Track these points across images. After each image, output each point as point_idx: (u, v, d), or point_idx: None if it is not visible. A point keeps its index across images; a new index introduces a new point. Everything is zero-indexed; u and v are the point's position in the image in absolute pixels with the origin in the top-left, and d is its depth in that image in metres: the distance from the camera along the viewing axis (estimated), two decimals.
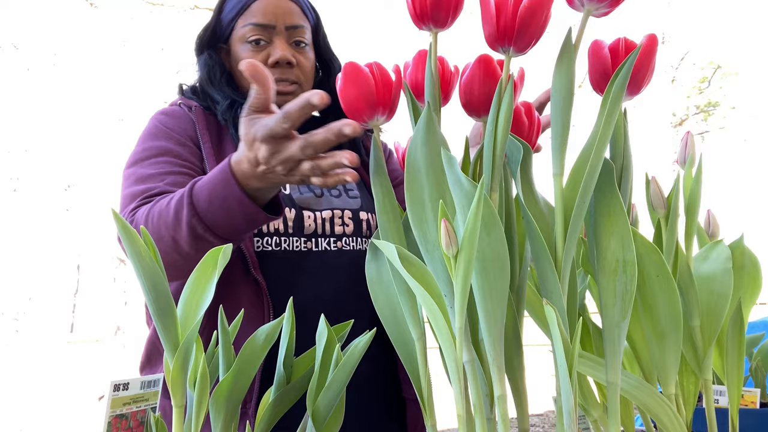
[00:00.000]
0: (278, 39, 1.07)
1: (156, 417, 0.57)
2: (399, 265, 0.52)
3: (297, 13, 1.10)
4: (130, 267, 0.53)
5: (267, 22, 1.06)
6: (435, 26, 0.58)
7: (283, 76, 1.06)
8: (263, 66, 0.70)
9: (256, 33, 1.07)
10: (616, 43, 0.57)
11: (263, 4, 1.08)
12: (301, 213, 1.04)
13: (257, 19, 1.07)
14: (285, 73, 1.07)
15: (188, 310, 0.56)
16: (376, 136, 0.61)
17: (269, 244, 1.01)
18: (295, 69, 1.08)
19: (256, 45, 1.07)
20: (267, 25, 1.07)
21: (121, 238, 0.51)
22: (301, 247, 1.03)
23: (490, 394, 0.54)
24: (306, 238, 1.04)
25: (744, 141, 10.39)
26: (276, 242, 1.02)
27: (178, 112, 1.09)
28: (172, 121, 1.07)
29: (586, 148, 0.54)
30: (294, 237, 1.03)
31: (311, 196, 1.08)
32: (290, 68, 1.07)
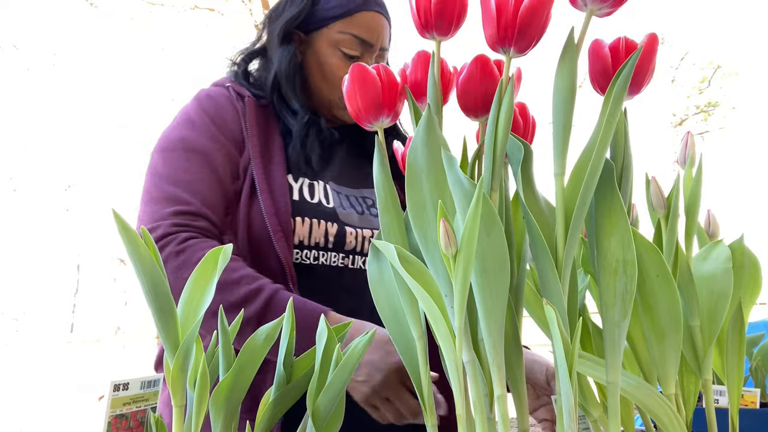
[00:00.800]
0: (369, 57, 1.04)
1: (156, 417, 0.57)
2: (398, 266, 0.52)
3: (388, 36, 1.07)
4: (130, 267, 0.53)
5: (369, 39, 1.03)
6: (438, 35, 0.58)
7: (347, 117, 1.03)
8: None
9: (356, 48, 1.02)
10: (616, 43, 0.57)
11: (369, 18, 1.03)
12: (343, 229, 1.02)
13: (362, 34, 1.02)
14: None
15: (188, 310, 0.56)
16: (380, 138, 0.61)
17: (308, 257, 1.00)
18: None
19: (350, 59, 1.02)
20: (368, 42, 1.03)
21: (122, 238, 0.51)
22: (338, 263, 1.02)
23: (490, 394, 0.54)
24: (344, 255, 1.03)
25: (744, 141, 10.39)
26: (315, 256, 1.01)
27: (224, 100, 1.03)
28: (216, 112, 1.01)
29: (587, 148, 0.54)
30: (333, 252, 1.02)
31: (353, 212, 1.06)
32: None
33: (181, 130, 1.00)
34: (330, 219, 1.02)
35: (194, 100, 1.03)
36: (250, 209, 0.97)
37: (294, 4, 1.06)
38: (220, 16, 8.20)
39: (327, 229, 1.01)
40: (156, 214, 0.92)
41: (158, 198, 0.93)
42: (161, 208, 0.92)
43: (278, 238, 0.94)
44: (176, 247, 0.88)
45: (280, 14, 1.07)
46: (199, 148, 0.97)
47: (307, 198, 1.02)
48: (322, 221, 1.00)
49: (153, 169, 0.98)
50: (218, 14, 8.21)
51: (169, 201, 0.92)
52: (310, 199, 1.02)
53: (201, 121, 0.99)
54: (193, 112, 1.01)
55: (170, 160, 0.97)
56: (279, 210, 0.97)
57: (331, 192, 1.06)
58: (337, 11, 1.03)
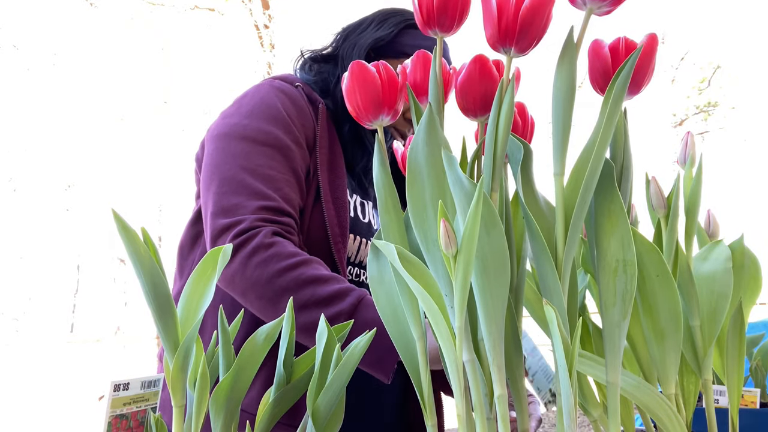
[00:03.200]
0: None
1: (156, 417, 0.57)
2: (399, 265, 0.52)
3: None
4: (130, 267, 0.53)
5: None
6: (441, 31, 0.58)
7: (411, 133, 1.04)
8: None
9: None
10: (616, 43, 0.57)
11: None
12: None
13: None
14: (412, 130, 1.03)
15: (188, 310, 0.56)
16: (379, 136, 0.61)
17: (351, 273, 1.01)
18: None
19: None
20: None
21: (122, 238, 0.51)
22: None
23: (490, 394, 0.54)
24: None
25: (744, 141, 10.39)
26: (357, 273, 1.03)
27: (300, 101, 1.01)
28: (294, 110, 0.99)
29: (586, 148, 0.54)
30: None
31: None
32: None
33: (260, 121, 0.97)
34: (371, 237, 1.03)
35: (272, 94, 1.00)
36: (311, 216, 0.96)
37: (382, 29, 1.07)
38: (220, 16, 8.21)
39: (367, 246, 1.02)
40: (240, 206, 0.90)
41: (241, 190, 0.91)
42: (245, 200, 0.90)
43: (338, 249, 0.95)
44: (265, 239, 0.86)
45: (363, 30, 1.08)
46: (282, 145, 0.95)
47: (360, 216, 1.04)
48: (371, 241, 1.01)
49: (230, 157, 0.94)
50: (218, 14, 8.21)
51: (255, 195, 0.90)
52: (362, 218, 1.04)
53: (282, 118, 0.97)
54: (274, 105, 0.98)
55: (253, 153, 0.94)
56: (341, 222, 0.97)
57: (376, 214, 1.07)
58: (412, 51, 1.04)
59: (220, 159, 0.94)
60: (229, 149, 0.95)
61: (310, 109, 1.01)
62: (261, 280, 0.85)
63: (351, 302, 0.82)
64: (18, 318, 13.62)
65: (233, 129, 0.96)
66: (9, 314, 13.45)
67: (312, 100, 1.03)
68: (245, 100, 1.00)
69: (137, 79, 8.96)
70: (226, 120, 0.99)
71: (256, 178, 0.91)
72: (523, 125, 0.64)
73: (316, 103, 1.02)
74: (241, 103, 1.01)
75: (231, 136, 0.95)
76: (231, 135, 0.95)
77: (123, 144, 9.26)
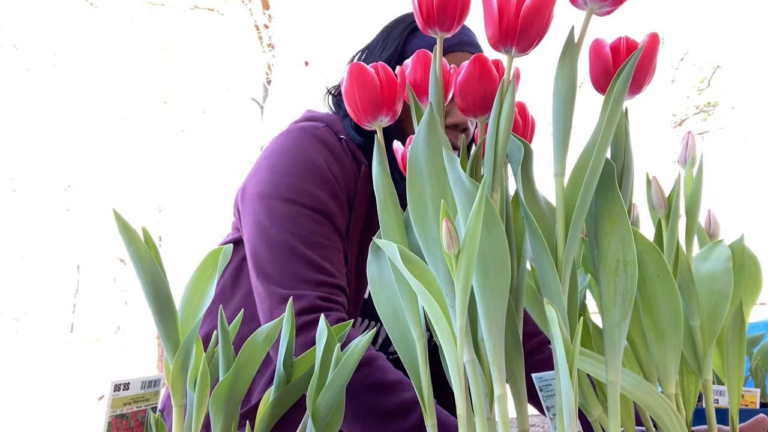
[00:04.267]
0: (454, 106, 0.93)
1: (156, 417, 0.57)
2: (401, 264, 0.52)
3: None
4: (130, 267, 0.53)
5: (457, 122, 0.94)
6: (441, 30, 0.58)
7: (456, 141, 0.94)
8: None
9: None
10: (617, 43, 0.57)
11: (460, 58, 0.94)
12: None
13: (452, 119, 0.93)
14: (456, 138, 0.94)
15: (188, 310, 0.56)
16: (379, 137, 0.61)
17: None
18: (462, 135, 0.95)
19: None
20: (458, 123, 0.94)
21: (122, 238, 0.51)
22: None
23: (490, 394, 0.54)
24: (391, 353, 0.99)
25: (744, 141, 10.39)
26: None
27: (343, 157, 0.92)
28: (338, 167, 0.91)
29: (587, 148, 0.54)
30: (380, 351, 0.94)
31: None
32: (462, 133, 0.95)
33: (306, 182, 0.88)
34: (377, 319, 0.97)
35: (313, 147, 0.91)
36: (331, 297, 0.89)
37: (387, 48, 1.00)
38: (220, 16, 8.21)
39: (379, 332, 0.97)
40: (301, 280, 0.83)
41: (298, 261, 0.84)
42: (305, 273, 0.83)
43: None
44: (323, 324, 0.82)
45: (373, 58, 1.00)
46: (329, 212, 0.88)
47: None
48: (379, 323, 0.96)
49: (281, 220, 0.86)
50: (218, 14, 8.21)
51: (314, 268, 0.84)
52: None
53: (327, 177, 0.89)
54: (317, 162, 0.90)
55: (305, 219, 0.86)
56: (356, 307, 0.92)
57: None
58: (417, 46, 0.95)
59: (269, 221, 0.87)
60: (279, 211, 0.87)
61: (353, 166, 0.93)
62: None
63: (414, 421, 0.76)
64: (18, 318, 13.62)
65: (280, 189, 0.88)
66: (9, 314, 13.45)
67: (356, 157, 0.94)
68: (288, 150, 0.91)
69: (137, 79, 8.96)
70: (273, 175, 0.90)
71: (311, 249, 0.84)
72: (523, 125, 0.64)
73: (360, 162, 0.94)
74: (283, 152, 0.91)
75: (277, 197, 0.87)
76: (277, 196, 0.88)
77: (123, 144, 9.26)
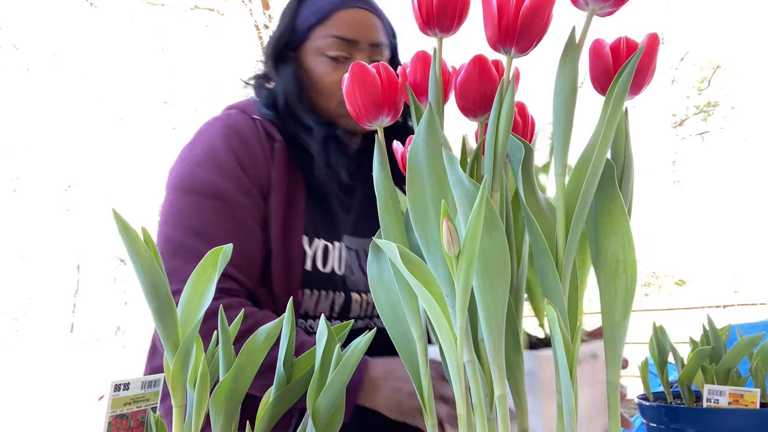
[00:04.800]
0: (360, 56, 0.97)
1: (156, 417, 0.57)
2: (401, 265, 0.52)
3: (380, 30, 1.00)
4: (130, 267, 0.53)
5: (351, 37, 0.96)
6: (440, 32, 0.58)
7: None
8: None
9: (339, 48, 0.96)
10: (617, 43, 0.57)
11: (348, 15, 0.97)
12: (350, 297, 0.98)
13: (341, 32, 0.96)
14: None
15: (188, 310, 0.56)
16: (379, 137, 0.61)
17: (312, 327, 0.96)
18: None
19: (336, 61, 0.96)
20: (351, 39, 0.96)
21: (122, 238, 0.51)
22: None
23: (490, 394, 0.54)
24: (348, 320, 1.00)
25: (744, 141, 10.39)
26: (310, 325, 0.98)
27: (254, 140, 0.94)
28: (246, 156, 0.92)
29: (588, 149, 0.54)
30: (337, 320, 0.98)
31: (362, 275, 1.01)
32: None
33: (209, 172, 0.91)
34: (338, 289, 0.97)
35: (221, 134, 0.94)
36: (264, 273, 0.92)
37: (280, 26, 1.02)
38: (220, 16, 8.21)
39: (334, 300, 0.97)
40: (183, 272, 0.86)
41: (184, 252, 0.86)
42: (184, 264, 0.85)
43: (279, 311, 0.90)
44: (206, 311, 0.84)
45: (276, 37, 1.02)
46: (231, 200, 0.89)
47: (319, 267, 0.96)
48: (330, 292, 0.96)
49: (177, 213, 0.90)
50: (218, 14, 8.21)
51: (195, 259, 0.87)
52: (322, 268, 0.97)
53: (231, 165, 0.91)
54: (222, 150, 0.92)
55: (199, 210, 0.89)
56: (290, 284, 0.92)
57: (344, 253, 1.00)
58: (313, 18, 0.99)
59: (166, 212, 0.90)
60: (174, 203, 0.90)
61: (267, 146, 0.95)
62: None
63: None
64: (18, 318, 13.63)
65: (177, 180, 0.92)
66: (9, 314, 13.45)
67: (270, 135, 0.96)
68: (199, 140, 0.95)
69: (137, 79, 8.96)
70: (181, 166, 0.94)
71: (200, 240, 0.87)
72: (523, 125, 0.64)
73: (274, 139, 0.96)
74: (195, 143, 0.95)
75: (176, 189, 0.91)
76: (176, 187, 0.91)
77: (123, 144, 9.27)
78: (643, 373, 0.93)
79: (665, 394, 0.91)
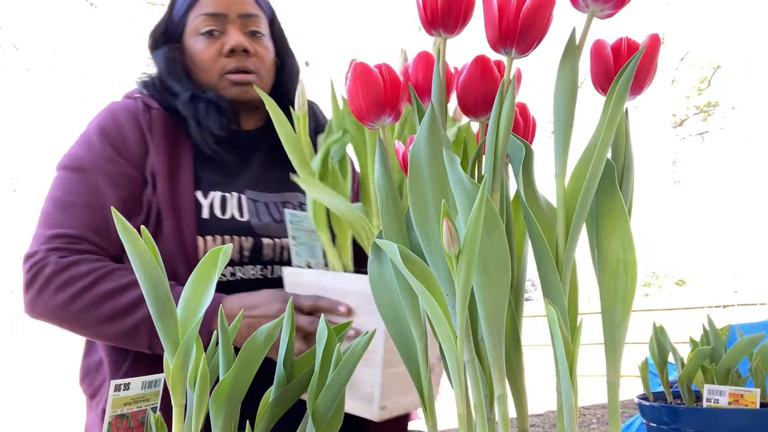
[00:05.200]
0: (232, 28, 1.03)
1: (156, 417, 0.57)
2: (401, 264, 0.52)
3: (249, 2, 1.05)
4: None
5: (218, 11, 1.02)
6: (445, 32, 0.58)
7: (240, 64, 1.02)
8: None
9: (209, 23, 1.02)
10: (618, 43, 0.57)
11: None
12: (259, 241, 1.01)
13: (208, 9, 1.02)
14: (242, 62, 1.03)
15: (188, 310, 0.56)
16: (381, 136, 0.61)
17: (224, 274, 0.98)
18: (252, 58, 1.03)
19: (210, 36, 1.02)
20: (219, 13, 1.02)
21: (122, 238, 0.51)
22: (257, 275, 1.01)
23: (490, 394, 0.54)
24: (262, 266, 1.02)
25: (744, 141, 10.40)
26: (231, 272, 1.00)
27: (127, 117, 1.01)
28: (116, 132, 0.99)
29: (588, 149, 0.54)
30: (250, 265, 1.01)
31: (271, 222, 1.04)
32: (247, 56, 1.03)
33: (78, 148, 0.99)
34: (244, 233, 1.00)
35: (98, 118, 1.02)
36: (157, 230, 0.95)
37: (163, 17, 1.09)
38: None
39: (241, 244, 0.99)
40: (39, 237, 0.92)
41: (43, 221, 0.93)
42: (44, 230, 0.92)
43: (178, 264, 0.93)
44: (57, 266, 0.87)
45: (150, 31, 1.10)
46: (92, 169, 0.95)
47: (218, 214, 1.00)
48: (235, 237, 0.99)
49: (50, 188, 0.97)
50: None
51: (52, 224, 0.92)
52: (221, 215, 1.00)
53: (99, 142, 0.98)
54: (94, 131, 1.00)
55: (63, 181, 0.97)
56: (183, 233, 0.95)
57: (246, 203, 1.03)
58: (186, 4, 1.05)
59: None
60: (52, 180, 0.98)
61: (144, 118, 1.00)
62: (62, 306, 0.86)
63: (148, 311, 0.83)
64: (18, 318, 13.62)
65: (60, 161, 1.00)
66: (9, 314, 13.44)
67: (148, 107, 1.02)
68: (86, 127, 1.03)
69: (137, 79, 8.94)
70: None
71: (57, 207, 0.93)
72: (524, 125, 0.64)
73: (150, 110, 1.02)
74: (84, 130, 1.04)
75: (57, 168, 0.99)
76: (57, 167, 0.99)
77: None
78: (643, 373, 0.93)
79: (665, 394, 0.91)
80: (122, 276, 0.88)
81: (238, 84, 1.03)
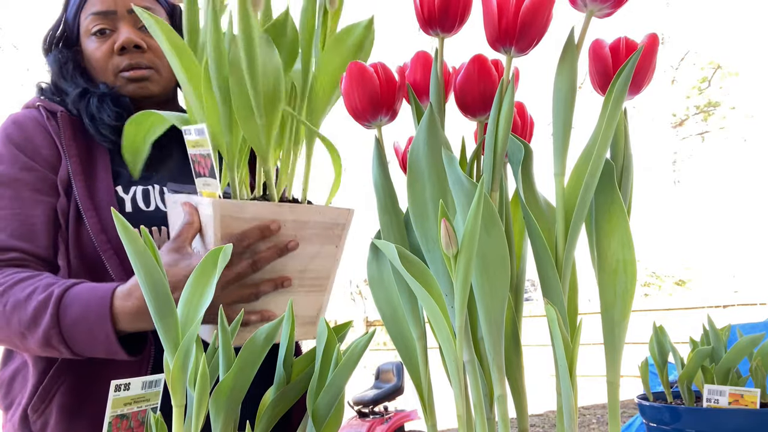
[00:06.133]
0: (123, 24, 1.01)
1: (156, 417, 0.57)
2: (399, 265, 0.52)
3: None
4: None
5: (106, 9, 1.01)
6: (442, 31, 0.58)
7: (133, 61, 1.01)
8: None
9: (98, 22, 1.01)
10: (616, 43, 0.57)
11: None
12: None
13: (96, 8, 1.01)
14: (135, 58, 1.01)
15: (188, 310, 0.56)
16: (378, 136, 0.61)
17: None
18: (147, 53, 1.02)
19: (101, 35, 1.01)
20: (107, 11, 1.01)
21: (122, 238, 0.51)
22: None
23: (490, 394, 0.54)
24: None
25: (744, 141, 10.40)
26: None
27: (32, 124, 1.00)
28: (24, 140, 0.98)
29: (587, 149, 0.54)
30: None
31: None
32: (140, 52, 1.01)
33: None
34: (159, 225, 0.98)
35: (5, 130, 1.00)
36: (78, 231, 0.94)
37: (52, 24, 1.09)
38: None
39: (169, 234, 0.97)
40: None
41: None
42: None
43: (108, 256, 0.92)
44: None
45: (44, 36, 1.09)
46: (7, 180, 0.94)
47: (141, 207, 0.99)
48: (163, 228, 0.98)
49: None
50: None
51: None
52: (145, 208, 1.00)
53: (9, 152, 0.97)
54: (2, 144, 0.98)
55: None
56: (106, 227, 0.94)
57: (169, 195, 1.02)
58: (75, 5, 1.05)
59: None
60: None
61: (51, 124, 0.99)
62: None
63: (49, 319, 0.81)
64: None
65: None
66: None
67: (52, 113, 1.01)
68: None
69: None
70: None
71: None
72: (522, 125, 0.64)
73: (56, 115, 1.01)
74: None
75: None
76: None
77: None
78: (643, 373, 0.93)
79: (665, 394, 0.91)
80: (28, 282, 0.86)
81: (133, 81, 1.02)
